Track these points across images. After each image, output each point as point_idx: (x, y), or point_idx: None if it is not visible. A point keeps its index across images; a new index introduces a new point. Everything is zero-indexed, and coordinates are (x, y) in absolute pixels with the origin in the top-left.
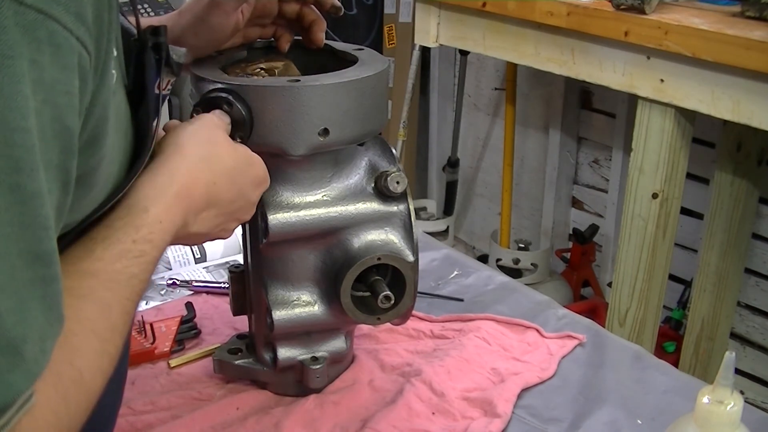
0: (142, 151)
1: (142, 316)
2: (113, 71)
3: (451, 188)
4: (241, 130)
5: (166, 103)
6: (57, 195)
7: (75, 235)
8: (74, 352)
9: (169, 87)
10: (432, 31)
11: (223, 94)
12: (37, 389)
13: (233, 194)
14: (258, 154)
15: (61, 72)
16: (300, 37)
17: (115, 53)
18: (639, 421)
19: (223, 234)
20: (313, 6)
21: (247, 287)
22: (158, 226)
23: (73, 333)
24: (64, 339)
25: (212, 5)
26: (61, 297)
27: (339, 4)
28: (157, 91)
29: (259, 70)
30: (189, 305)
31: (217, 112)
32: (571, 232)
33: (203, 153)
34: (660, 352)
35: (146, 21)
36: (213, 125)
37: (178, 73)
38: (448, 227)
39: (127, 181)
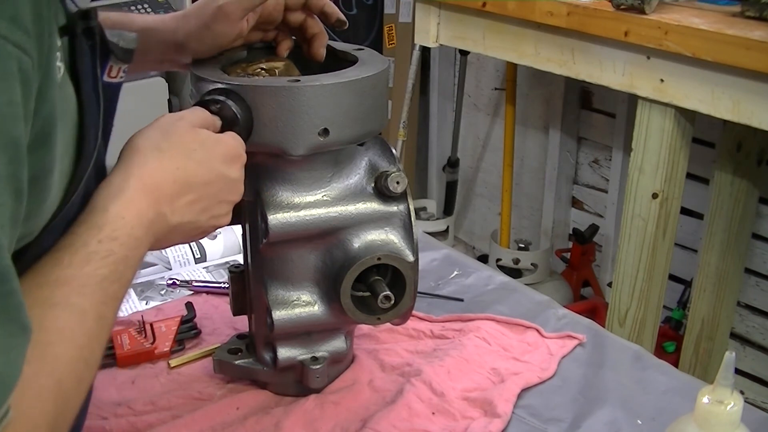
0: (86, 141)
1: (142, 316)
2: (59, 64)
3: (451, 188)
4: (234, 128)
5: (166, 104)
6: (10, 205)
7: (45, 249)
8: (52, 362)
9: (122, 74)
10: (432, 31)
11: (215, 96)
12: (14, 404)
13: (206, 174)
14: (258, 154)
15: (1, 82)
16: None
17: (59, 44)
18: (639, 421)
19: (217, 221)
20: (317, 18)
21: (247, 287)
22: (121, 222)
23: (51, 343)
24: (41, 350)
25: (219, 13)
26: (21, 308)
27: (344, 18)
28: (107, 79)
29: (259, 70)
30: (189, 305)
31: (198, 109)
32: (571, 232)
33: (158, 144)
34: (660, 352)
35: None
36: (171, 120)
37: (129, 59)
38: (448, 227)
39: (80, 174)
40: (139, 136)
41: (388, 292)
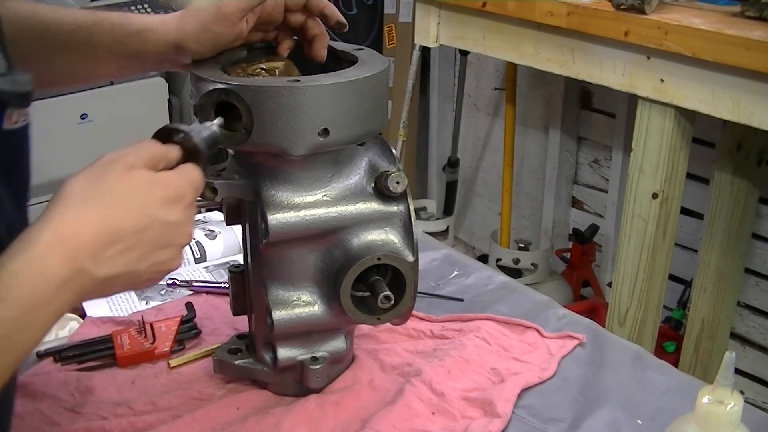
0: None
1: (142, 316)
2: None
3: (451, 188)
4: (197, 160)
5: (166, 104)
6: None
7: None
8: None
9: (24, 118)
10: (432, 31)
11: (179, 126)
12: None
13: (137, 221)
14: (258, 154)
15: None
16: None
17: None
18: (639, 421)
19: (164, 267)
20: (318, 19)
21: (247, 287)
22: (14, 281)
23: None
24: None
25: (217, 15)
26: None
27: (344, 21)
28: (8, 126)
29: (259, 70)
30: (189, 305)
31: (147, 143)
32: (571, 232)
33: (85, 192)
34: (660, 352)
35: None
36: (107, 162)
37: (27, 103)
38: (448, 227)
39: None
40: (70, 182)
41: (388, 292)
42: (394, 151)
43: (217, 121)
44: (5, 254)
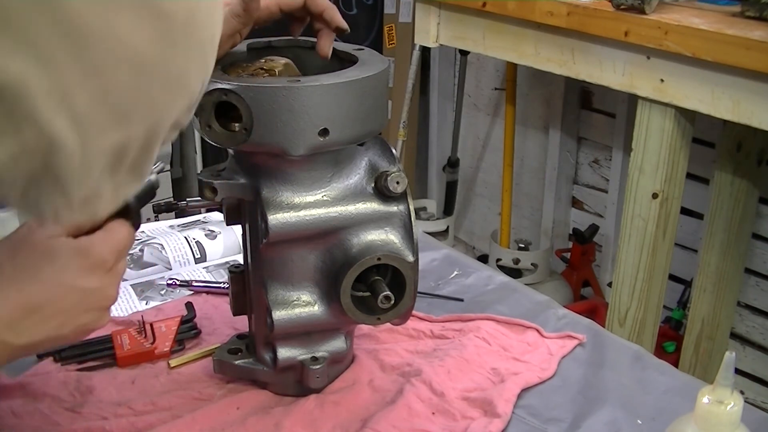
0: None
1: (142, 316)
2: None
3: (451, 188)
4: (128, 217)
5: None
6: None
7: None
8: None
9: None
10: (432, 31)
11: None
12: None
13: (54, 292)
14: (258, 154)
15: None
16: (299, 38)
17: None
18: (639, 421)
19: (89, 327)
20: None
21: (247, 287)
22: None
23: None
24: None
25: None
26: None
27: (345, 25)
28: None
29: (259, 70)
30: (189, 305)
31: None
32: (571, 232)
33: (2, 267)
34: (660, 352)
35: None
36: (26, 232)
37: None
38: (448, 227)
39: None
40: None
41: (388, 292)
42: (394, 151)
43: (157, 166)
44: None
